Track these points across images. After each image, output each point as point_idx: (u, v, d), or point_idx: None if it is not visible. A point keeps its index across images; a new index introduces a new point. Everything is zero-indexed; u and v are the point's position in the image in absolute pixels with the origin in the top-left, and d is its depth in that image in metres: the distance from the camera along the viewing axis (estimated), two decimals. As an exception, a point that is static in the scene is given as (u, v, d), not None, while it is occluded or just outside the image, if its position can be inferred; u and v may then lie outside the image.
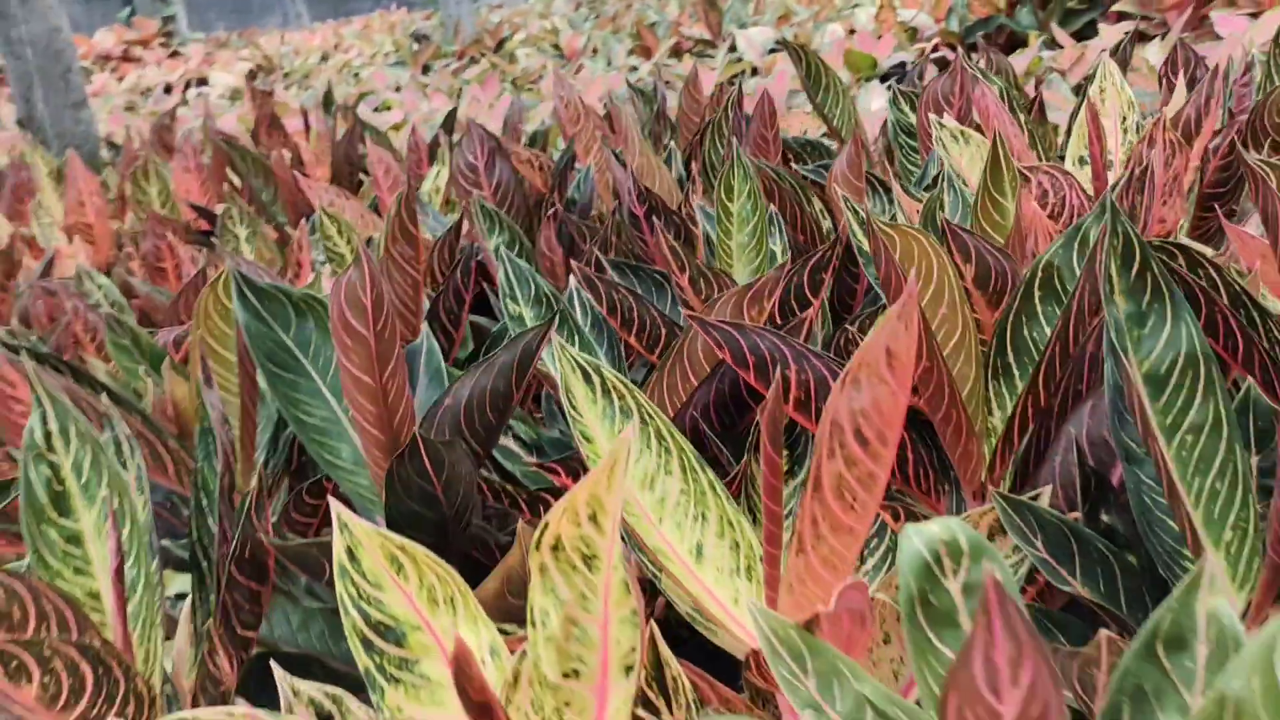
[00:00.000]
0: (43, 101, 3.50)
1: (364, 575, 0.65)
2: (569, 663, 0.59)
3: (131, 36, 8.60)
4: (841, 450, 0.67)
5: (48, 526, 0.82)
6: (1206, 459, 0.74)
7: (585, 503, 0.58)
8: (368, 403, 0.86)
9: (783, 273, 0.99)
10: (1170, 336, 0.74)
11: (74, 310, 1.42)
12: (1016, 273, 0.94)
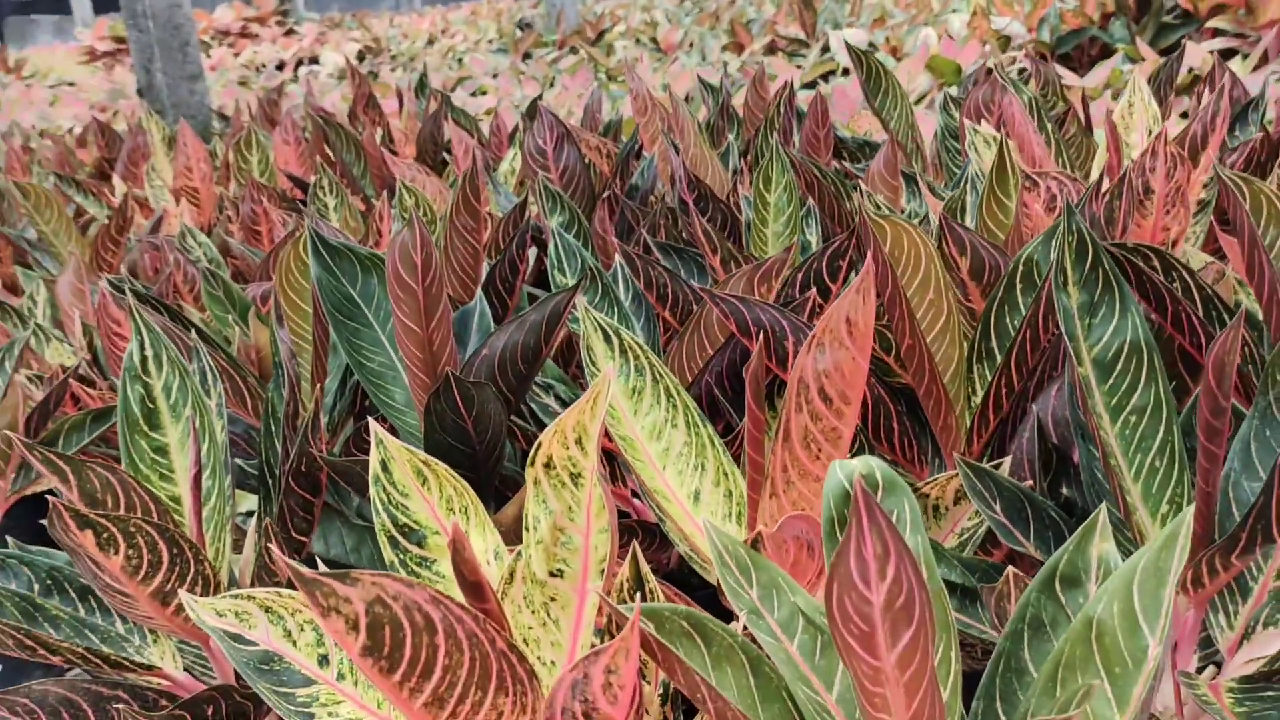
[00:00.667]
0: (161, 72, 3.72)
1: (394, 484, 0.77)
2: (555, 563, 0.71)
3: (250, 14, 8.92)
4: (808, 406, 0.78)
5: (139, 438, 0.96)
6: (1147, 438, 0.83)
7: (572, 428, 0.69)
8: (416, 349, 0.98)
9: (788, 255, 1.09)
10: (1118, 326, 0.82)
11: (176, 263, 1.57)
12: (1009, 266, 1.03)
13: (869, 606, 0.52)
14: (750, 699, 0.62)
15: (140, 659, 0.92)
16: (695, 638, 0.61)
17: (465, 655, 0.59)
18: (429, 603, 0.58)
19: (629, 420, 0.94)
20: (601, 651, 0.54)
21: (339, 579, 0.55)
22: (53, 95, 6.02)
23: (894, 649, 0.53)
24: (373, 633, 0.56)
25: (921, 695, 0.55)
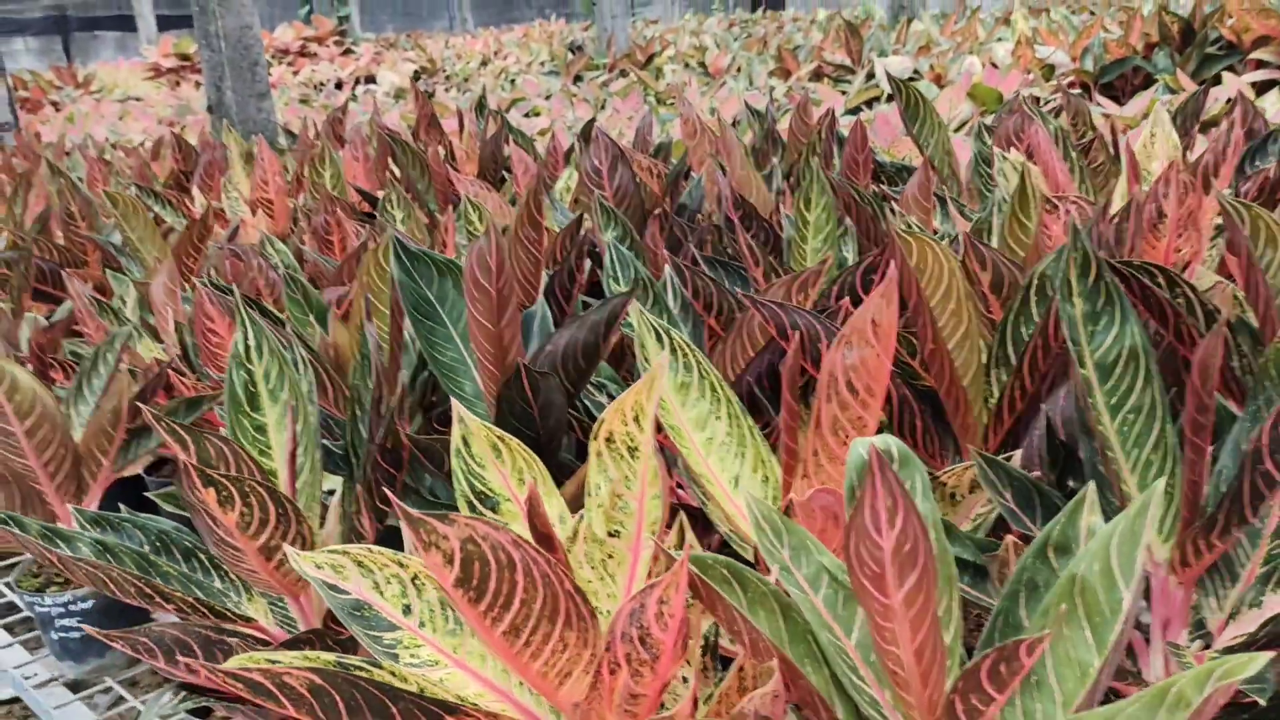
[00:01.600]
0: (231, 90, 3.89)
1: (473, 457, 0.88)
2: (613, 525, 0.81)
3: (309, 34, 9.16)
4: (836, 396, 0.88)
5: (243, 417, 1.08)
6: (1143, 435, 0.92)
7: (631, 406, 0.80)
8: (488, 344, 1.09)
9: (823, 267, 1.20)
10: (1118, 334, 0.92)
11: (258, 269, 1.70)
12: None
13: (880, 551, 0.63)
14: (780, 637, 0.72)
15: (239, 611, 1.04)
16: (734, 584, 0.72)
17: (539, 592, 0.70)
18: (511, 545, 0.69)
19: (677, 411, 1.04)
20: (656, 584, 0.65)
21: (439, 519, 0.66)
22: (121, 110, 6.25)
23: (901, 589, 0.64)
24: (465, 566, 0.68)
25: (925, 632, 0.65)
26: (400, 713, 0.70)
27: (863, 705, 0.71)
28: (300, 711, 0.69)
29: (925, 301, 1.02)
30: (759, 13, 10.81)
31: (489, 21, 15.37)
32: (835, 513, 0.84)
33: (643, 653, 0.66)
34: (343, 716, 0.69)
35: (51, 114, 6.70)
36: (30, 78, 8.31)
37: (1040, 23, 5.30)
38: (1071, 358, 0.91)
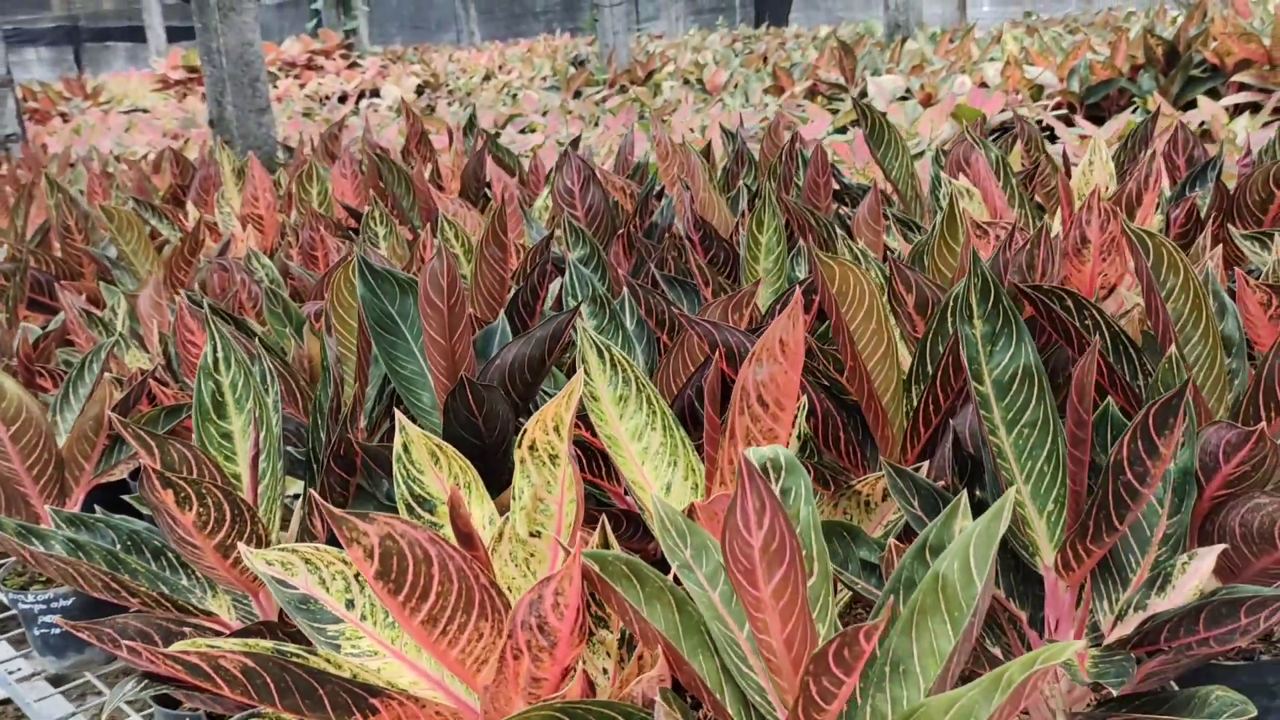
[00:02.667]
0: (232, 105, 3.98)
1: (413, 463, 0.96)
2: (534, 526, 0.89)
3: (316, 47, 9.27)
4: (749, 409, 0.95)
5: (210, 424, 1.15)
6: (1036, 448, 0.99)
7: (551, 417, 0.87)
8: (440, 358, 1.17)
9: (756, 288, 1.27)
10: (1014, 353, 0.99)
11: (241, 282, 1.78)
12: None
13: (750, 549, 0.70)
14: (675, 630, 0.79)
15: (202, 606, 1.11)
16: (633, 579, 0.79)
17: (454, 585, 0.77)
18: (428, 541, 0.76)
19: (615, 423, 1.11)
20: (552, 578, 0.72)
21: (360, 517, 0.74)
22: (128, 121, 6.35)
23: (770, 582, 0.71)
24: (384, 560, 0.75)
25: (795, 622, 0.72)
26: (327, 694, 0.77)
27: (749, 692, 0.78)
28: (235, 692, 0.76)
29: (844, 321, 1.09)
30: (762, 28, 10.89)
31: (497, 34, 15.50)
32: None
33: (541, 640, 0.73)
34: (274, 696, 0.77)
35: (59, 125, 6.81)
36: (40, 89, 8.43)
37: (1033, 42, 5.37)
38: (971, 375, 0.98)
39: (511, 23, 16.85)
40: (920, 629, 0.77)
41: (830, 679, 0.67)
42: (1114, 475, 0.85)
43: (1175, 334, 1.08)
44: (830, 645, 0.65)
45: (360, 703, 0.79)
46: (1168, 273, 1.12)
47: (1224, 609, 0.85)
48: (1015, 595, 1.02)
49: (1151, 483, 0.85)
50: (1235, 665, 1.11)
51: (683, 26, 11.94)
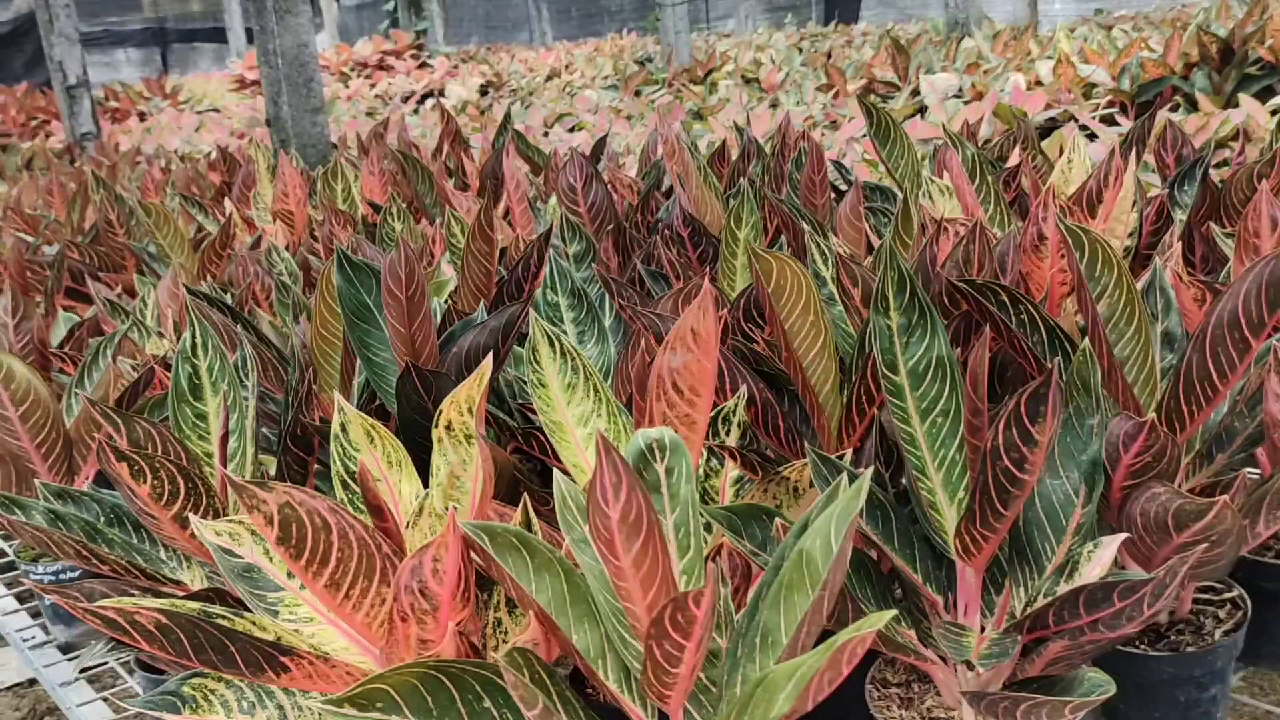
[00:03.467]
0: (287, 105, 4.10)
1: (350, 442, 1.02)
2: (451, 501, 0.94)
3: (387, 47, 9.46)
4: (665, 396, 1.00)
5: (185, 406, 1.23)
6: (948, 437, 1.02)
7: (464, 399, 0.93)
8: (401, 345, 1.23)
9: (704, 281, 1.31)
10: (928, 345, 1.02)
11: (255, 275, 1.87)
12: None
13: (609, 520, 0.75)
14: (562, 599, 0.84)
15: (172, 576, 1.19)
16: (523, 550, 0.84)
17: (355, 552, 0.83)
18: (327, 510, 0.82)
19: (562, 409, 1.16)
20: (430, 545, 0.77)
21: (260, 486, 0.80)
22: (200, 121, 6.56)
23: (629, 552, 0.75)
24: (283, 527, 0.81)
25: (656, 590, 0.77)
26: (238, 651, 0.84)
27: (628, 659, 0.83)
28: (153, 647, 0.83)
29: (778, 315, 1.13)
30: (831, 26, 10.84)
31: (570, 34, 15.62)
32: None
33: (423, 603, 0.79)
34: (189, 652, 0.83)
35: (135, 124, 7.05)
36: (121, 89, 8.72)
37: (1091, 40, 5.30)
38: (881, 367, 1.02)
39: (585, 22, 16.95)
40: (787, 602, 0.81)
41: (671, 643, 0.71)
42: (991, 461, 0.88)
43: (1105, 330, 1.10)
44: (665, 610, 0.69)
45: (272, 661, 0.85)
46: (1102, 269, 1.14)
47: (1099, 593, 0.87)
48: (932, 580, 1.05)
49: (1031, 470, 0.88)
50: (1161, 656, 1.13)
51: (752, 24, 11.92)
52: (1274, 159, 1.56)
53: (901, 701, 1.07)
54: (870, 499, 1.07)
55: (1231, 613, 1.17)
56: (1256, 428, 1.16)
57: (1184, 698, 1.16)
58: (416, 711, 0.76)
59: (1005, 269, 1.28)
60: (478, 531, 0.81)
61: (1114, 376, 1.11)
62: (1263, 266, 1.00)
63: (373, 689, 0.74)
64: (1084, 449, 1.02)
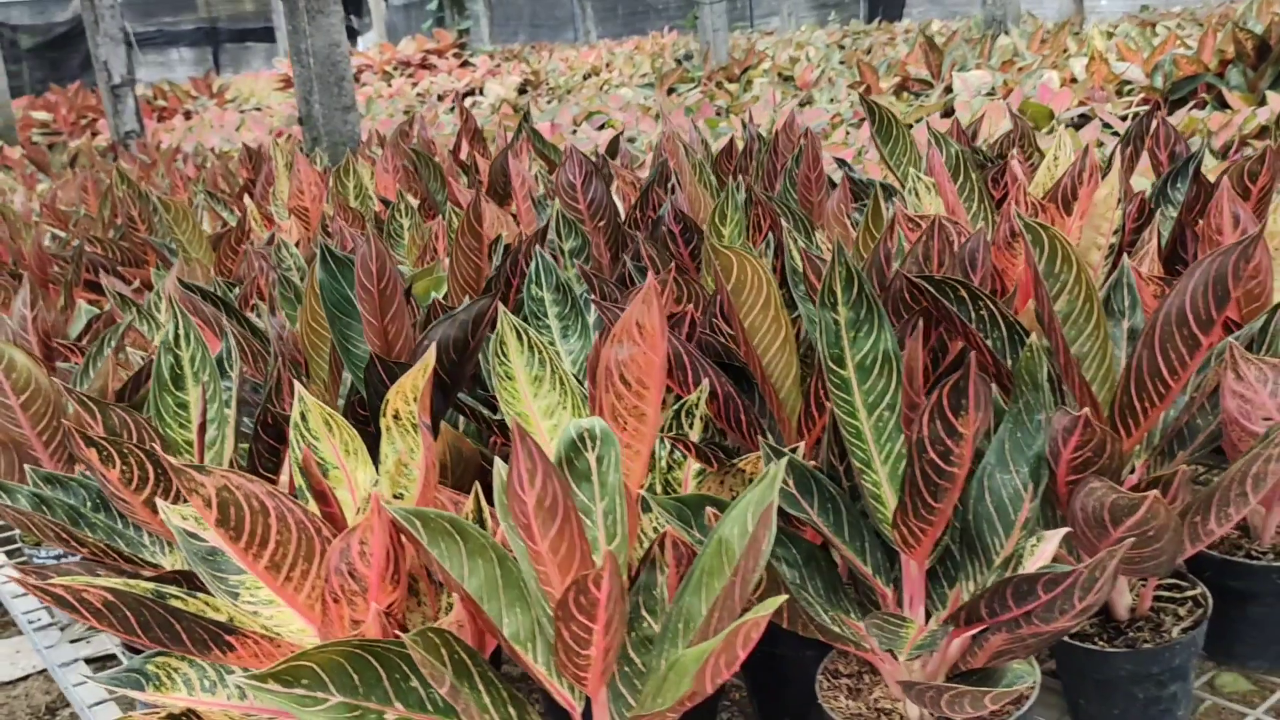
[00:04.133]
0: (319, 104, 4.16)
1: (309, 430, 1.05)
2: (398, 489, 0.97)
3: (430, 46, 9.54)
4: (613, 388, 1.02)
5: (167, 394, 1.26)
6: (895, 431, 1.03)
7: (409, 389, 0.95)
8: (375, 338, 1.26)
9: (669, 278, 1.32)
10: (875, 340, 1.04)
11: (260, 270, 1.91)
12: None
13: (525, 506, 0.77)
14: (495, 584, 0.87)
15: (151, 560, 1.22)
16: (455, 536, 0.86)
17: (294, 535, 0.86)
18: (265, 495, 0.85)
19: (529, 401, 1.19)
20: (356, 528, 0.80)
21: (198, 470, 0.83)
22: (241, 119, 6.66)
23: (546, 537, 0.78)
24: (222, 509, 0.84)
25: (574, 573, 0.79)
26: (184, 629, 0.87)
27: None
28: (103, 624, 0.87)
29: (735, 310, 1.15)
30: (874, 24, 10.78)
31: (616, 33, 15.65)
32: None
33: (352, 584, 0.82)
34: (136, 629, 0.86)
35: (180, 122, 7.18)
36: (169, 88, 8.88)
37: (1129, 37, 5.24)
38: (827, 360, 1.03)
39: (630, 20, 16.97)
40: (707, 588, 0.83)
41: (578, 625, 0.74)
42: (917, 454, 0.89)
43: (1062, 327, 1.11)
44: (568, 592, 0.71)
45: (218, 640, 0.88)
46: (1061, 266, 1.15)
47: (1024, 585, 0.88)
48: (881, 573, 1.06)
49: (958, 462, 0.89)
50: (1117, 652, 1.14)
51: (796, 22, 11.89)
52: (1264, 157, 1.55)
53: (850, 692, 1.08)
54: (821, 491, 1.08)
55: (1192, 610, 1.17)
56: (1219, 425, 1.16)
57: (1143, 695, 1.16)
58: (342, 689, 0.78)
59: (975, 265, 1.28)
60: (409, 517, 0.84)
61: (1071, 373, 1.11)
62: (1209, 264, 1.00)
63: (298, 665, 0.77)
64: (1032, 444, 1.03)
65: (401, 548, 0.84)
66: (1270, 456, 1.01)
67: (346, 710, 0.78)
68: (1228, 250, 1.00)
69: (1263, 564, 1.24)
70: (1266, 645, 1.27)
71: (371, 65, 9.45)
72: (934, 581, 1.07)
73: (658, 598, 0.92)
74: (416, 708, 0.80)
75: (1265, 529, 1.27)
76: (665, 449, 1.23)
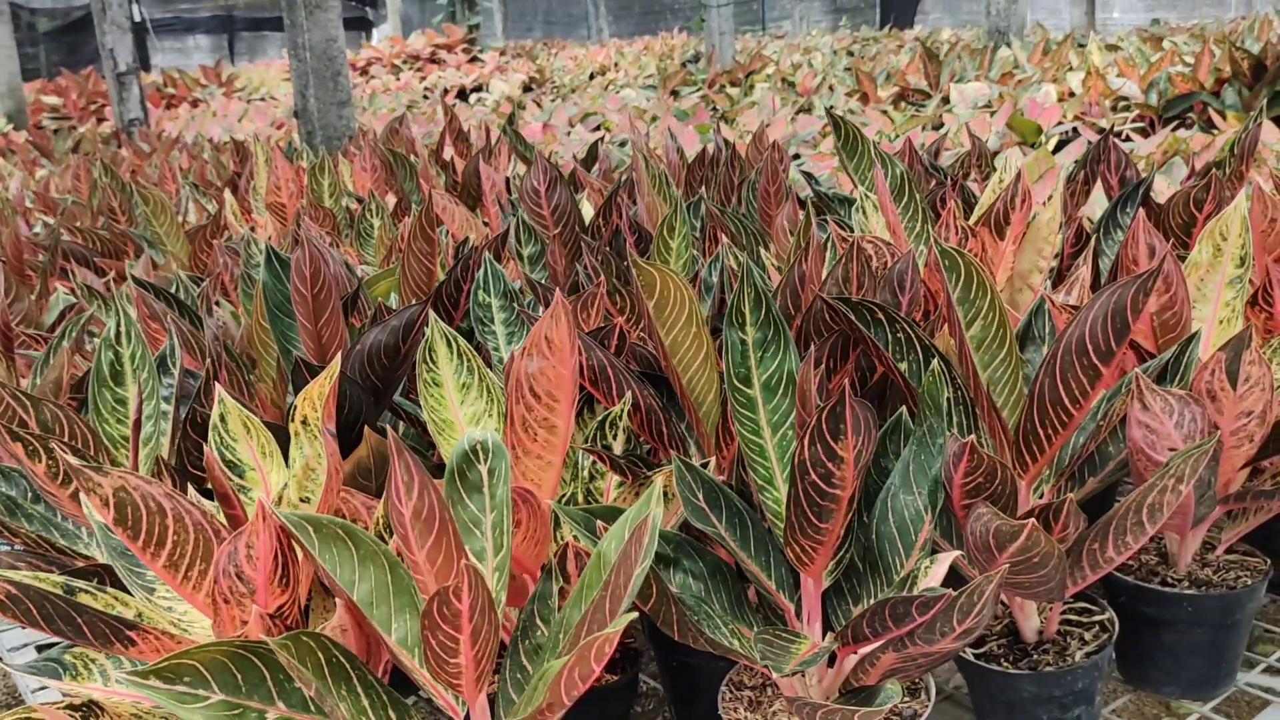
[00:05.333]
0: (315, 98, 4.19)
1: (228, 431, 1.07)
2: (304, 493, 0.99)
3: (440, 41, 9.57)
4: (523, 399, 1.04)
5: (106, 390, 1.29)
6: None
7: (316, 395, 0.98)
8: (309, 340, 1.29)
9: (599, 289, 1.35)
10: (780, 360, 1.06)
11: (224, 265, 1.94)
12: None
13: (403, 516, 0.79)
14: (385, 590, 0.89)
15: (85, 553, 1.25)
16: (347, 542, 0.89)
17: (191, 535, 0.89)
18: (163, 496, 0.87)
19: (455, 408, 1.21)
20: (243, 532, 0.82)
21: (95, 470, 0.85)
22: (244, 110, 6.71)
23: (423, 548, 0.80)
24: (119, 509, 0.86)
25: (452, 584, 0.81)
26: (85, 623, 0.90)
27: (440, 647, 0.88)
28: (8, 616, 0.89)
29: (654, 325, 1.17)
30: (885, 30, 10.79)
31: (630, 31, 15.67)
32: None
33: (240, 586, 0.84)
34: (39, 621, 0.89)
35: (186, 111, 7.22)
36: (178, 76, 8.93)
37: (1129, 52, 5.24)
38: (733, 379, 1.05)
39: (645, 20, 16.99)
40: (586, 600, 0.85)
41: (444, 634, 0.76)
42: (799, 475, 0.91)
43: (973, 353, 1.13)
44: (432, 603, 0.74)
45: (119, 634, 0.91)
46: (976, 292, 1.17)
47: (900, 607, 0.90)
48: (785, 589, 1.08)
49: (839, 484, 0.91)
50: (1021, 674, 1.16)
51: (807, 26, 11.91)
52: (1209, 184, 1.57)
53: (751, 704, 1.10)
54: (729, 507, 1.10)
55: (1098, 635, 1.19)
56: (1128, 453, 1.17)
57: (1046, 716, 1.18)
58: (224, 688, 0.81)
59: (904, 287, 1.30)
60: (300, 523, 0.86)
61: (980, 399, 1.13)
62: (1108, 296, 1.02)
63: (180, 663, 0.79)
64: (933, 466, 1.05)
65: (293, 552, 0.87)
66: (1165, 488, 1.03)
67: (227, 709, 0.80)
68: (1127, 283, 1.02)
69: (1175, 591, 1.26)
70: (1178, 671, 1.29)
71: (381, 58, 9.49)
72: (839, 598, 1.09)
73: (551, 607, 0.95)
74: (300, 708, 0.83)
75: (1181, 556, 1.29)
76: (589, 460, 1.26)
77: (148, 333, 1.67)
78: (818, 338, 1.22)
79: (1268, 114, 4.20)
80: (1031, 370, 1.22)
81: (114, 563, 1.01)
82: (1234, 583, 1.27)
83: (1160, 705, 1.30)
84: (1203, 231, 1.28)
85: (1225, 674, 1.30)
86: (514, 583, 1.07)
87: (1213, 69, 4.30)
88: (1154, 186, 2.10)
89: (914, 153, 1.87)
